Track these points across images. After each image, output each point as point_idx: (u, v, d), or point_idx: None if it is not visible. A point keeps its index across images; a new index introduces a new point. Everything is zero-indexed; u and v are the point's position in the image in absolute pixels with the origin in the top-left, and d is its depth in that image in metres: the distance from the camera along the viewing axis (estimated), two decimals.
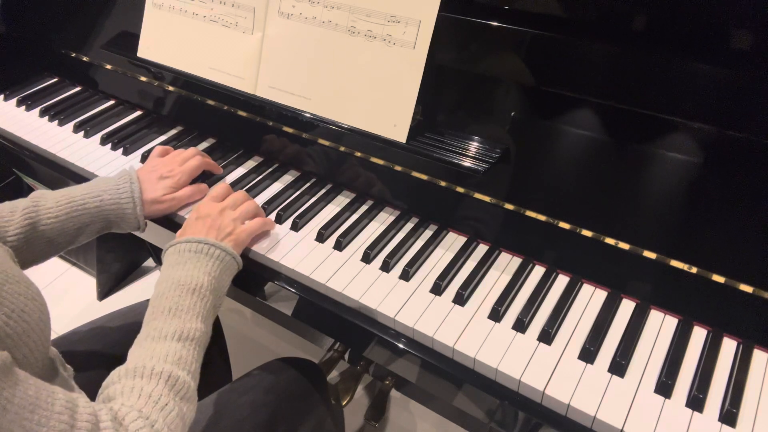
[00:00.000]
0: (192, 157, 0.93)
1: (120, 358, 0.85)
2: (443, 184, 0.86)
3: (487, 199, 0.83)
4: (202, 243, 0.74)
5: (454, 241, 0.86)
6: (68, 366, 0.70)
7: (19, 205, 0.77)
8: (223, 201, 0.84)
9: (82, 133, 1.11)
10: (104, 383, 0.60)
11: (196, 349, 0.65)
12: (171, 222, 0.91)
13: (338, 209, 0.91)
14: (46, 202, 0.78)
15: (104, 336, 0.89)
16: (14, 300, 0.54)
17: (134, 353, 0.64)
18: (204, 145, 1.08)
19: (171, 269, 0.71)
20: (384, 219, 0.90)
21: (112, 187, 0.83)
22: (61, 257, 1.82)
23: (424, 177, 0.87)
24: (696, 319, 0.73)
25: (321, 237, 0.86)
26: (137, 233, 0.88)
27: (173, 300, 0.67)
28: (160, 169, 0.89)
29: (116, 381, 0.60)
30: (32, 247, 0.77)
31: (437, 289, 0.78)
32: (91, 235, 0.83)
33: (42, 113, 1.16)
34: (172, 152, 0.95)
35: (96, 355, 0.86)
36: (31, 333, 0.55)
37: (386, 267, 0.81)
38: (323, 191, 0.96)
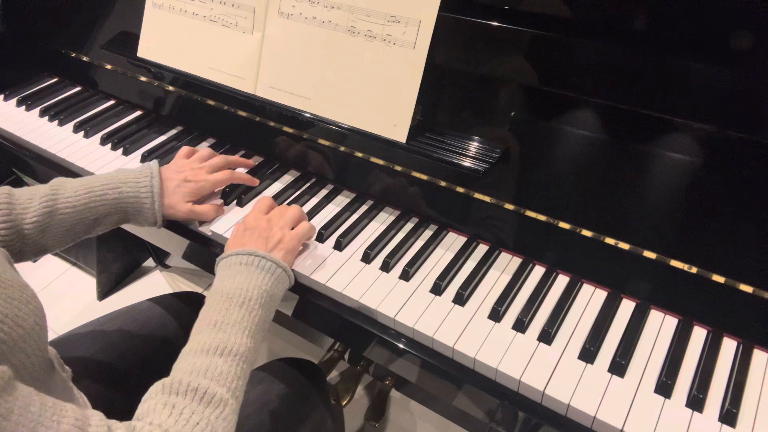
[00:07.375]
0: (220, 168, 0.92)
1: (119, 359, 0.86)
2: (443, 184, 0.86)
3: (487, 199, 0.83)
4: (252, 255, 0.72)
5: (454, 241, 0.86)
6: (66, 367, 0.70)
7: (38, 192, 0.77)
8: (268, 212, 0.82)
9: (82, 133, 1.11)
10: (144, 397, 0.58)
11: (239, 365, 0.62)
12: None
13: (338, 209, 0.91)
14: (65, 191, 0.78)
15: (103, 336, 0.89)
16: (7, 305, 0.52)
17: (177, 367, 0.61)
18: (204, 145, 1.08)
19: (221, 282, 0.70)
20: (384, 219, 0.90)
21: (132, 179, 0.83)
22: (61, 257, 1.82)
23: (424, 177, 0.87)
24: (696, 319, 0.73)
25: (321, 237, 0.86)
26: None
27: (220, 313, 0.65)
28: (185, 171, 0.88)
29: (153, 396, 0.57)
30: (49, 235, 0.77)
31: (437, 289, 0.78)
32: (109, 226, 0.83)
33: (42, 113, 1.16)
34: (198, 154, 0.93)
35: (95, 355, 0.86)
36: (27, 338, 0.53)
37: (386, 267, 0.81)
38: (323, 191, 0.96)
